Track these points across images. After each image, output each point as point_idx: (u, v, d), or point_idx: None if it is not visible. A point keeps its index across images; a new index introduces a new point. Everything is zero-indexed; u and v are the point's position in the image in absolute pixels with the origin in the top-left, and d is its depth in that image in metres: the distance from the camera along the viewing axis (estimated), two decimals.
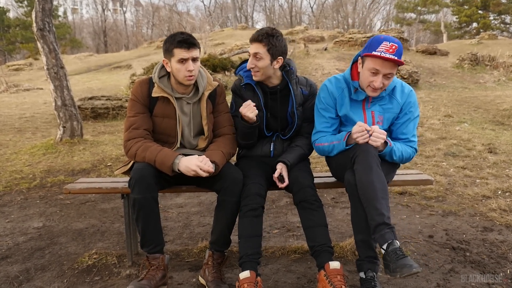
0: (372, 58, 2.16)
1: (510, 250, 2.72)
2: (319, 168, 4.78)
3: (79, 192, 2.61)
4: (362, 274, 2.15)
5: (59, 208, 3.78)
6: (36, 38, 6.10)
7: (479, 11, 34.82)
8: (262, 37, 2.31)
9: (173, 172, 2.20)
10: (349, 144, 2.26)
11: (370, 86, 2.23)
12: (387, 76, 2.18)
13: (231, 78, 11.11)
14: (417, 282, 2.32)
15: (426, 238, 2.95)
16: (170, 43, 2.25)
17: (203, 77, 2.44)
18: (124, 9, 55.31)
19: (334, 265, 2.08)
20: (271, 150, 2.55)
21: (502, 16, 36.42)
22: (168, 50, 2.27)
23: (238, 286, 2.05)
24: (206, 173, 2.17)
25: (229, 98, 2.56)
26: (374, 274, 2.12)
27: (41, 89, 14.32)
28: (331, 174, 2.63)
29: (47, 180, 4.62)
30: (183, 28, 31.73)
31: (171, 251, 2.79)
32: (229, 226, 2.31)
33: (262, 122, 2.48)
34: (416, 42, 40.78)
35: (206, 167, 2.17)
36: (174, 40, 2.23)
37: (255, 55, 2.33)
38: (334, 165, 2.49)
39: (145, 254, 2.26)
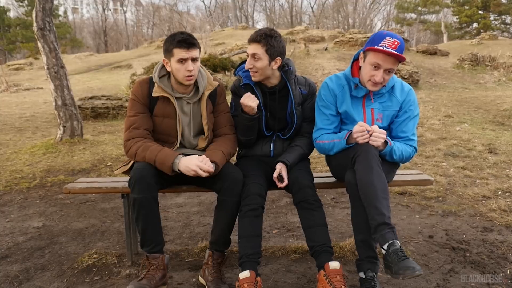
0: (374, 52, 2.18)
1: (510, 250, 2.72)
2: (319, 168, 4.78)
3: (79, 191, 2.61)
4: (362, 274, 2.15)
5: (59, 207, 3.78)
6: (36, 37, 6.10)
7: (480, 12, 34.83)
8: (260, 37, 2.31)
9: (173, 172, 2.20)
10: (349, 143, 2.26)
11: (370, 81, 2.24)
12: (388, 71, 2.20)
13: (231, 78, 11.10)
14: (417, 282, 2.32)
15: (426, 238, 2.95)
16: (170, 43, 2.25)
17: (203, 77, 2.44)
18: (124, 8, 55.34)
19: (334, 265, 2.08)
20: (271, 149, 2.56)
21: (503, 16, 36.43)
22: (168, 50, 2.27)
23: (238, 286, 2.05)
24: (206, 173, 2.17)
25: (229, 98, 2.56)
26: (374, 274, 2.13)
27: (41, 88, 14.32)
28: (331, 174, 2.63)
29: (47, 179, 4.62)
30: (184, 28, 31.74)
31: (171, 251, 2.79)
32: (229, 226, 2.31)
33: (261, 122, 2.48)
34: (416, 42, 40.77)
35: (206, 167, 2.17)
36: (174, 40, 2.23)
37: (253, 56, 2.33)
38: (334, 164, 2.49)
39: (145, 253, 2.26)
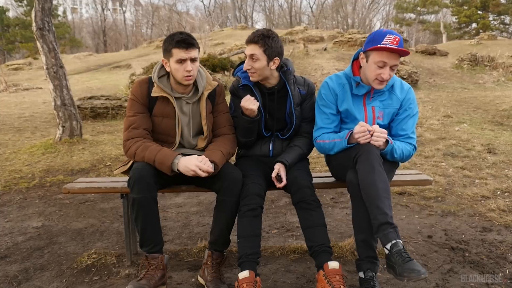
0: (378, 51, 2.18)
1: (509, 250, 2.72)
2: (318, 168, 4.78)
3: (78, 191, 2.61)
4: (361, 274, 2.15)
5: (58, 207, 3.78)
6: (35, 37, 6.09)
7: (479, 12, 34.86)
8: (258, 38, 2.30)
9: (172, 172, 2.20)
10: (350, 143, 2.27)
11: (377, 79, 2.24)
12: (393, 67, 2.22)
13: (231, 78, 11.10)
14: (416, 282, 2.31)
15: (425, 238, 2.96)
16: (169, 43, 2.25)
17: (203, 77, 2.44)
18: (123, 8, 55.29)
19: (333, 265, 2.08)
20: (270, 149, 2.55)
21: (502, 16, 36.48)
22: (167, 50, 2.27)
23: (237, 286, 2.05)
24: (205, 173, 2.17)
25: (228, 98, 2.56)
26: (373, 274, 2.13)
27: (40, 88, 14.30)
28: (331, 173, 2.63)
29: (46, 179, 4.61)
30: (183, 28, 31.75)
31: (170, 251, 2.79)
32: (228, 226, 2.31)
33: (260, 123, 2.48)
34: (415, 42, 40.79)
35: (206, 167, 2.17)
36: (173, 40, 2.23)
37: (252, 56, 2.33)
38: (335, 164, 2.49)
39: (144, 253, 2.26)
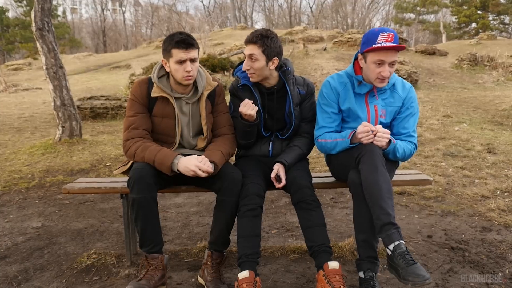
0: (374, 51, 2.20)
1: (509, 250, 2.72)
2: (318, 168, 4.78)
3: (78, 192, 2.61)
4: (361, 274, 2.15)
5: (58, 208, 3.78)
6: (35, 37, 6.09)
7: (478, 12, 34.88)
8: (257, 38, 2.30)
9: (172, 172, 2.20)
10: (353, 142, 2.27)
11: (378, 78, 2.26)
12: (392, 64, 2.23)
13: (230, 78, 11.11)
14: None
15: (425, 238, 2.96)
16: (169, 43, 2.25)
17: (202, 77, 2.44)
18: (123, 9, 55.29)
19: (333, 265, 2.08)
20: (270, 149, 2.55)
21: (501, 16, 36.50)
22: (166, 50, 2.27)
23: (237, 286, 2.05)
24: (205, 173, 2.17)
25: (228, 98, 2.56)
26: (373, 274, 2.13)
27: (40, 89, 14.30)
28: (331, 173, 2.63)
29: (46, 180, 4.61)
30: (182, 28, 31.71)
31: (170, 251, 2.79)
32: (228, 226, 2.31)
33: (259, 123, 2.48)
34: (415, 42, 40.82)
35: (205, 167, 2.17)
36: (172, 40, 2.23)
37: (251, 57, 2.33)
38: (336, 164, 2.49)
39: (144, 254, 2.26)
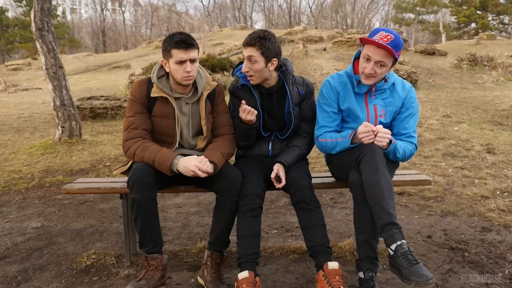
0: (366, 44, 2.24)
1: (509, 250, 2.72)
2: (318, 168, 4.78)
3: (78, 192, 2.61)
4: (361, 274, 2.15)
5: (58, 208, 3.78)
6: (34, 37, 6.08)
7: (478, 12, 34.90)
8: (255, 40, 2.30)
9: (172, 172, 2.19)
10: (353, 143, 2.27)
11: (363, 73, 2.28)
12: (380, 64, 2.21)
13: (230, 78, 11.10)
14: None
15: (424, 238, 2.96)
16: (168, 44, 2.24)
17: (202, 77, 2.43)
18: (123, 9, 55.25)
19: (333, 265, 2.08)
20: (270, 149, 2.55)
21: (501, 16, 36.53)
22: (166, 51, 2.26)
23: (237, 286, 2.05)
24: (205, 173, 2.17)
25: (227, 98, 2.56)
26: (373, 274, 2.13)
27: (39, 89, 14.30)
28: (331, 173, 2.63)
29: (46, 180, 4.61)
30: (182, 28, 31.74)
31: (170, 251, 2.79)
32: (227, 226, 2.31)
33: (259, 123, 2.48)
34: (414, 42, 40.80)
35: (205, 168, 2.17)
36: (172, 40, 2.23)
37: (249, 58, 2.32)
38: (336, 164, 2.49)
39: (143, 254, 2.26)
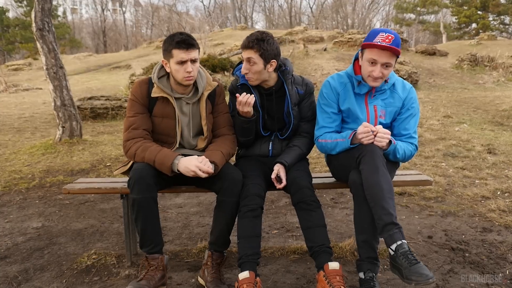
0: (369, 48, 2.22)
1: (509, 250, 2.72)
2: (318, 168, 4.78)
3: (78, 192, 2.61)
4: (361, 275, 2.15)
5: (58, 208, 3.78)
6: (35, 38, 6.09)
7: (479, 12, 34.89)
8: (253, 43, 2.30)
9: (172, 172, 2.19)
10: (353, 143, 2.27)
11: (370, 76, 2.27)
12: (386, 65, 2.23)
13: (231, 78, 11.10)
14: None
15: (425, 238, 2.96)
16: (169, 44, 2.24)
17: (203, 77, 2.44)
18: (123, 9, 55.30)
19: (333, 265, 2.08)
20: (270, 149, 2.55)
21: (501, 16, 36.50)
22: (167, 51, 2.27)
23: (238, 287, 2.05)
24: (205, 173, 2.17)
25: (228, 98, 2.56)
26: (374, 274, 2.13)
27: (40, 89, 14.31)
28: (331, 173, 2.63)
29: (46, 180, 4.61)
30: (183, 28, 31.75)
31: (170, 252, 2.79)
32: (228, 226, 2.31)
33: (259, 123, 2.48)
34: (415, 42, 40.84)
35: (206, 168, 2.17)
36: (173, 40, 2.23)
37: (249, 60, 2.33)
38: (336, 164, 2.49)
39: (144, 254, 2.26)
